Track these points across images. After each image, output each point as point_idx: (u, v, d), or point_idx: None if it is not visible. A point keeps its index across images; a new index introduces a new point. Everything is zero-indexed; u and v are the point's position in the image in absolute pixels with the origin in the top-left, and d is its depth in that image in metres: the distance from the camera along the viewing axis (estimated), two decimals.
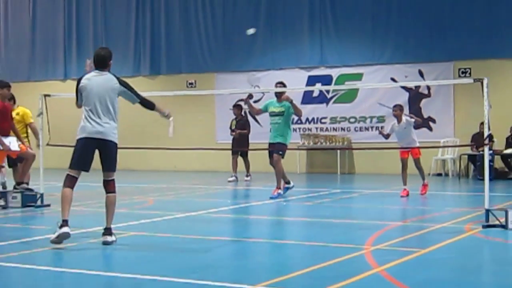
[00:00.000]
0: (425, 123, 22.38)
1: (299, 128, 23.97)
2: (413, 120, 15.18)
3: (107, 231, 9.28)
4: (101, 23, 27.27)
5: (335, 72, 23.60)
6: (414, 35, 22.37)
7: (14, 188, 14.03)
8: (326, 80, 23.53)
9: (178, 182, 18.42)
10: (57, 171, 20.23)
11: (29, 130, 15.37)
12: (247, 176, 20.66)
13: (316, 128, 23.89)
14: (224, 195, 16.68)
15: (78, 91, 9.65)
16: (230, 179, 20.15)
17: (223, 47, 25.16)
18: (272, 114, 15.75)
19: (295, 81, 23.37)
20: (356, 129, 23.35)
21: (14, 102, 14.99)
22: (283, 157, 15.43)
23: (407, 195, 15.16)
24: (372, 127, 22.97)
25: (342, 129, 23.55)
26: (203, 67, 25.43)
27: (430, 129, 22.38)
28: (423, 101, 22.51)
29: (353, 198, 15.77)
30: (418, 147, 15.33)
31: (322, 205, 14.14)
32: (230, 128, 21.24)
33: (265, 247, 9.19)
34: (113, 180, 9.46)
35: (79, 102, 9.73)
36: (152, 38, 26.31)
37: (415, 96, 22.55)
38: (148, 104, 10.19)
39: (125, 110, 25.79)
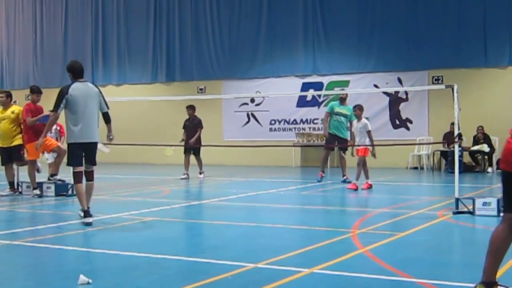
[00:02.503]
0: (403, 123, 22.39)
1: (294, 128, 23.94)
2: (369, 125, 14.46)
3: (88, 213, 9.42)
4: (124, 37, 27.25)
5: (325, 79, 23.57)
6: (394, 48, 22.34)
7: (48, 179, 14.01)
8: (318, 86, 23.51)
9: (190, 174, 18.38)
10: None
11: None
12: (200, 173, 18.72)
13: (309, 128, 23.85)
14: (231, 186, 16.66)
15: (62, 100, 9.55)
16: (182, 176, 18.17)
17: (229, 58, 25.14)
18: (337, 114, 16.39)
19: (291, 87, 23.43)
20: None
21: (11, 100, 13.77)
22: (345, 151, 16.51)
23: (368, 187, 14.51)
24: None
25: None
26: (212, 75, 25.41)
27: (408, 128, 22.34)
28: (402, 104, 22.47)
29: (342, 189, 15.72)
30: (367, 148, 14.49)
31: (315, 195, 14.13)
32: (183, 127, 18.82)
33: (266, 230, 9.18)
34: (93, 170, 9.79)
35: (58, 111, 9.68)
36: (168, 50, 26.30)
37: (395, 100, 22.52)
38: (108, 118, 10.21)
39: (144, 114, 25.69)
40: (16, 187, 14.00)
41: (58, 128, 15.92)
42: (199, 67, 25.68)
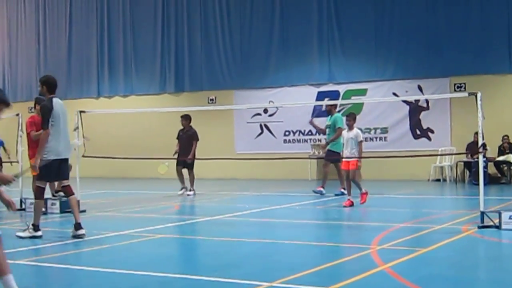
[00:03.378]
0: (424, 133, 22.31)
1: (310, 139, 23.92)
2: (361, 135, 14.19)
3: (79, 225, 9.85)
4: (130, 45, 27.37)
5: (342, 88, 23.55)
6: (414, 54, 22.30)
7: (53, 195, 14.06)
8: (334, 95, 23.48)
9: (200, 189, 18.40)
10: (91, 180, 20.37)
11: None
12: (190, 190, 17.67)
13: (326, 139, 23.78)
14: (243, 200, 16.66)
15: (50, 115, 9.95)
16: (180, 192, 17.63)
17: (240, 66, 25.18)
18: (325, 127, 17.45)
19: (306, 97, 23.41)
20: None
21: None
22: (339, 162, 16.32)
23: (350, 205, 13.83)
24: (376, 137, 22.88)
25: None
26: (223, 84, 25.46)
27: (429, 139, 22.27)
28: (422, 113, 22.41)
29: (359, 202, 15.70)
30: (358, 159, 13.99)
31: (332, 209, 14.10)
32: (177, 138, 18.29)
33: (280, 247, 9.17)
34: (69, 184, 10.31)
35: (49, 127, 9.97)
36: (177, 58, 26.38)
37: (415, 109, 22.47)
38: None
39: (152, 126, 25.72)
40: (20, 204, 14.08)
41: None
42: (209, 77, 25.74)
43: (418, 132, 22.43)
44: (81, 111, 14.13)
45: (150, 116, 26.07)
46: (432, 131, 22.27)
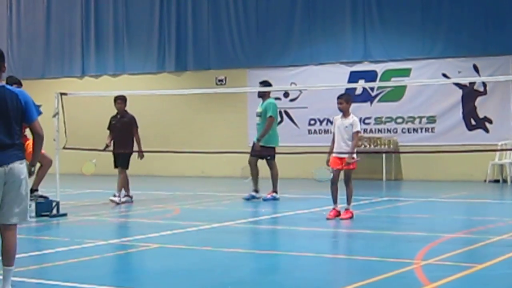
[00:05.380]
0: (480, 124, 22.21)
1: None
2: (358, 124, 13.45)
3: None
4: (122, 15, 27.39)
5: (380, 68, 23.49)
6: (468, 27, 22.21)
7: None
8: (370, 76, 23.43)
9: (206, 189, 18.43)
10: (74, 177, 20.43)
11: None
12: (114, 195, 16.21)
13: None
14: (255, 204, 16.68)
15: None
16: (123, 199, 16.21)
17: (256, 40, 25.16)
18: (256, 115, 17.31)
19: (336, 77, 23.34)
20: (404, 130, 23.21)
21: None
22: (273, 159, 16.84)
23: (335, 216, 13.13)
24: (421, 129, 22.82)
25: (388, 130, 23.42)
26: (234, 62, 25.45)
27: (486, 130, 22.18)
28: (478, 99, 22.33)
29: (400, 207, 15.67)
30: (354, 157, 13.33)
31: (365, 215, 14.08)
32: (108, 128, 16.92)
33: (303, 261, 9.15)
34: None
35: None
36: (178, 31, 26.38)
37: (469, 94, 22.38)
38: None
39: (148, 111, 25.78)
40: None
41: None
42: (217, 52, 25.74)
43: (473, 122, 22.36)
44: (61, 93, 14.17)
45: (146, 100, 26.10)
46: (490, 121, 22.20)
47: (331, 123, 24.16)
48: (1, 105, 7.03)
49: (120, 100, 16.86)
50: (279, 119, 16.92)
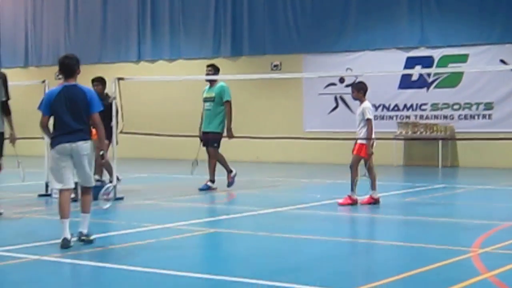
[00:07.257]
0: None
1: (396, 116, 23.73)
2: (368, 111, 13.30)
3: None
4: (178, 0, 27.50)
5: (437, 53, 23.28)
6: None
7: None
8: (426, 62, 23.23)
9: (261, 174, 18.46)
10: (131, 161, 20.63)
11: None
12: (103, 180, 14.87)
13: (415, 116, 23.59)
14: (313, 189, 16.67)
15: None
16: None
17: (312, 26, 25.06)
18: (204, 100, 16.47)
19: (392, 63, 23.18)
20: (461, 117, 22.98)
21: None
22: (218, 147, 16.12)
23: (348, 204, 12.98)
24: (478, 115, 22.57)
25: (445, 117, 23.20)
26: (290, 47, 25.40)
27: None
28: None
29: (457, 195, 15.54)
30: (363, 144, 13.62)
31: (421, 202, 14.01)
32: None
33: (359, 247, 9.14)
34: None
35: None
36: (234, 16, 26.39)
37: None
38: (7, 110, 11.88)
39: (183, 98, 25.86)
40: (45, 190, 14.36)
41: None
42: (273, 38, 25.71)
43: None
44: (119, 78, 14.29)
45: (201, 85, 26.16)
46: None
47: (387, 109, 24.18)
48: (72, 100, 9.14)
49: (98, 82, 15.47)
50: None
